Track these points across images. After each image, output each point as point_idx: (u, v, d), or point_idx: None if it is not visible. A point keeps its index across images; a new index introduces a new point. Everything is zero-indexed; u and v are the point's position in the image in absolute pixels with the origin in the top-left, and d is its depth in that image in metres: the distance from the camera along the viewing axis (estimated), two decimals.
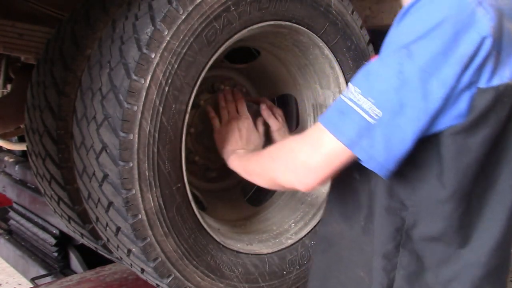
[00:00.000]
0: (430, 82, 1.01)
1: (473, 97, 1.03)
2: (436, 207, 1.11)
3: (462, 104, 1.04)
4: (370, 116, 1.02)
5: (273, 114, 1.97)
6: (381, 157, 1.04)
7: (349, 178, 1.23)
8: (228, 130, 1.81)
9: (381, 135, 1.02)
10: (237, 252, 1.73)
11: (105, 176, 1.48)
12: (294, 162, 1.14)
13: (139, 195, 1.46)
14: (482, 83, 1.04)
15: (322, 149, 1.08)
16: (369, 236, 1.21)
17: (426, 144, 1.07)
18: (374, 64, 1.07)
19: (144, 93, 1.42)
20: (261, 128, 1.91)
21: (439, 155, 1.07)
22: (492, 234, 1.12)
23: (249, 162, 1.51)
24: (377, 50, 2.08)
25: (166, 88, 1.46)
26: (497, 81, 1.04)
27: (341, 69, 1.93)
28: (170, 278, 1.57)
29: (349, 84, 1.08)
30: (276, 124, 1.95)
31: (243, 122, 1.84)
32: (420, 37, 1.02)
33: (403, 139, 1.03)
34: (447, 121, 1.05)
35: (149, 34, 1.43)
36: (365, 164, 1.06)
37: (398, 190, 1.14)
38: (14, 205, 3.71)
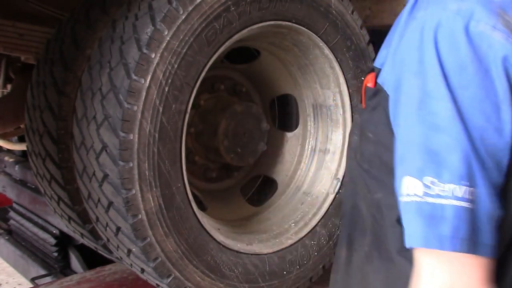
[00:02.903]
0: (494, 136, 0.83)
1: None
2: None
3: None
4: (465, 201, 0.80)
5: None
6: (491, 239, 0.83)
7: (356, 203, 1.13)
8: None
9: (487, 216, 0.82)
10: (237, 252, 1.73)
11: (105, 176, 1.48)
12: None
13: (139, 195, 1.46)
14: None
15: (465, 272, 0.82)
16: (372, 265, 1.10)
17: None
18: (430, 136, 0.85)
19: (144, 93, 1.42)
20: None
21: None
22: None
23: None
24: (377, 50, 2.09)
25: (166, 88, 1.46)
26: None
27: (341, 69, 1.93)
28: (170, 278, 1.57)
29: (409, 178, 0.84)
30: None
31: None
32: (452, 83, 0.83)
33: (499, 206, 0.84)
34: None
35: (149, 34, 1.43)
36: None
37: None
38: (14, 205, 3.71)
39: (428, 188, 0.81)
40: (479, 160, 0.82)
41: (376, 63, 1.09)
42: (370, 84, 1.06)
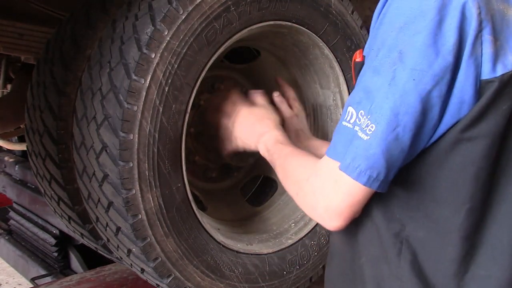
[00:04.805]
0: (423, 81, 0.90)
1: (475, 91, 0.91)
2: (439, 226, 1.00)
3: (464, 101, 0.92)
4: (365, 133, 0.93)
5: (288, 102, 1.85)
6: (380, 174, 0.93)
7: None
8: (248, 118, 1.70)
9: (378, 152, 0.92)
10: (237, 252, 1.73)
11: (105, 176, 1.48)
12: (317, 206, 1.03)
13: (139, 195, 1.46)
14: (485, 74, 0.91)
15: (340, 188, 0.98)
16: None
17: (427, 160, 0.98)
18: (371, 77, 0.98)
19: (144, 93, 1.42)
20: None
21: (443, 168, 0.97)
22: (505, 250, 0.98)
23: (283, 173, 1.35)
24: None
25: (166, 88, 1.46)
26: (500, 70, 0.91)
27: (341, 69, 1.93)
28: (170, 278, 1.57)
29: (351, 107, 0.99)
30: (288, 111, 1.81)
31: (259, 108, 1.70)
32: (404, 31, 0.92)
33: (402, 150, 0.93)
34: (447, 123, 0.94)
35: (149, 34, 1.43)
36: (368, 187, 0.95)
37: (397, 212, 1.04)
38: (14, 205, 3.71)
39: (359, 119, 0.96)
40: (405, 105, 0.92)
41: None
42: (358, 59, 1.13)
